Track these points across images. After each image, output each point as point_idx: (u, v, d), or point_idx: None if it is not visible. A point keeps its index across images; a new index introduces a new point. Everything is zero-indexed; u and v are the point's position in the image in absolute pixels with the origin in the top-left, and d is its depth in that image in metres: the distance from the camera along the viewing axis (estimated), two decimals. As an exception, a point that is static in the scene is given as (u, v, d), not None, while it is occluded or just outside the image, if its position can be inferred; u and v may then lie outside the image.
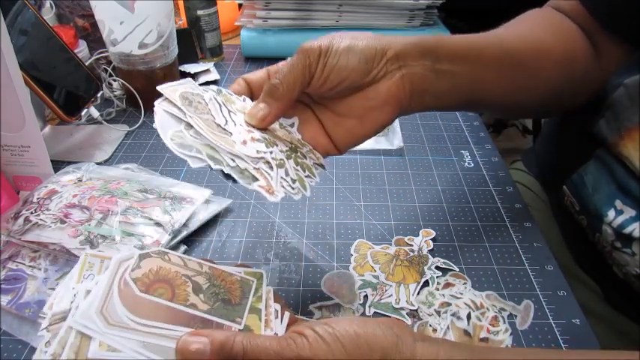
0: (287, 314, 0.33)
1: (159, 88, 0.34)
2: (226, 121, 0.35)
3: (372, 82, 0.37)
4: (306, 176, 0.36)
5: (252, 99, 0.39)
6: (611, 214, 0.44)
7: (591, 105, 0.48)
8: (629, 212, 0.42)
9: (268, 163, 0.34)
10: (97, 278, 0.32)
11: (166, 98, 0.34)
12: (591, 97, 0.48)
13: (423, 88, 0.39)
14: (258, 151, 0.34)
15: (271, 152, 0.35)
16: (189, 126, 0.33)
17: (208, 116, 0.34)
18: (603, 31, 0.47)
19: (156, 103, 0.33)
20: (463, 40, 0.42)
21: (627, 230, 0.43)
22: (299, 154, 0.37)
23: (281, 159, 0.35)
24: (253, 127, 0.36)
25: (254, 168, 0.33)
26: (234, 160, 0.33)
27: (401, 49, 0.37)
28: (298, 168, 0.36)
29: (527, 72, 0.44)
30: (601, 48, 0.48)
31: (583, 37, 0.48)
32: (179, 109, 0.33)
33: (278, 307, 0.33)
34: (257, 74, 0.39)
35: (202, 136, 0.32)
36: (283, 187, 0.34)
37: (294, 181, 0.35)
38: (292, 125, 0.39)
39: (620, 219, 0.43)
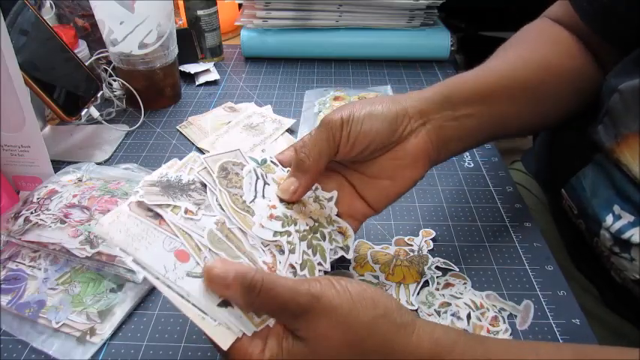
0: None
1: (203, 158, 0.36)
2: (255, 196, 0.36)
3: (399, 141, 0.38)
4: (317, 263, 0.36)
5: None
6: (610, 219, 0.44)
7: (589, 110, 0.49)
8: (628, 218, 0.42)
9: (280, 247, 0.35)
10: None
11: (205, 168, 0.36)
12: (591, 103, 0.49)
13: (448, 137, 0.40)
14: (275, 233, 0.35)
15: (289, 234, 0.36)
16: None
17: (238, 190, 0.36)
18: (597, 36, 0.48)
19: (195, 170, 0.36)
20: (475, 79, 0.43)
21: (626, 236, 0.42)
22: (318, 234, 0.38)
23: (294, 242, 0.36)
24: (284, 201, 0.38)
25: (264, 247, 0.34)
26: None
27: (422, 107, 0.39)
28: (309, 252, 0.36)
29: (540, 96, 0.45)
30: (601, 54, 0.49)
31: (583, 49, 0.49)
32: (213, 180, 0.35)
33: None
34: (285, 154, 0.40)
35: (223, 211, 0.34)
36: (290, 272, 0.34)
37: (302, 267, 0.35)
38: (330, 199, 0.40)
39: (619, 224, 0.43)
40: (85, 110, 0.64)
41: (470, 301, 0.41)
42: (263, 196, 0.37)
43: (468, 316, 0.40)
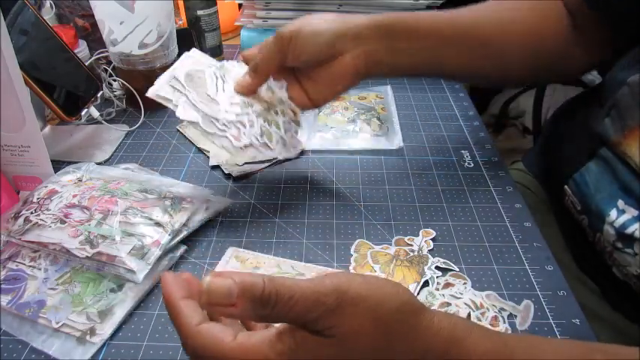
0: None
1: (172, 69, 0.48)
2: (217, 90, 0.48)
3: (336, 55, 0.47)
4: (274, 132, 0.49)
5: None
6: (613, 213, 0.44)
7: (595, 102, 0.49)
8: (632, 212, 0.42)
9: (242, 123, 0.47)
10: None
11: (174, 76, 0.47)
12: (569, 77, 0.50)
13: (379, 60, 0.48)
14: (237, 115, 0.47)
15: (247, 114, 0.48)
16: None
17: (203, 88, 0.47)
18: (588, 12, 0.48)
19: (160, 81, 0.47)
20: (426, 18, 0.49)
21: (629, 230, 0.42)
22: (272, 112, 0.50)
23: (252, 120, 0.48)
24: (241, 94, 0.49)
25: (229, 122, 0.47)
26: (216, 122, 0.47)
27: (361, 32, 0.46)
28: (265, 124, 0.49)
29: (490, 48, 0.50)
30: (586, 29, 0.49)
31: (561, 16, 0.50)
32: (182, 85, 0.47)
33: None
34: (252, 51, 0.50)
35: (194, 105, 0.46)
36: (251, 140, 0.47)
37: (262, 134, 0.48)
38: (281, 87, 0.50)
39: (622, 219, 0.43)
40: (85, 110, 0.64)
41: (470, 301, 0.41)
42: (224, 91, 0.48)
43: (468, 316, 0.40)
